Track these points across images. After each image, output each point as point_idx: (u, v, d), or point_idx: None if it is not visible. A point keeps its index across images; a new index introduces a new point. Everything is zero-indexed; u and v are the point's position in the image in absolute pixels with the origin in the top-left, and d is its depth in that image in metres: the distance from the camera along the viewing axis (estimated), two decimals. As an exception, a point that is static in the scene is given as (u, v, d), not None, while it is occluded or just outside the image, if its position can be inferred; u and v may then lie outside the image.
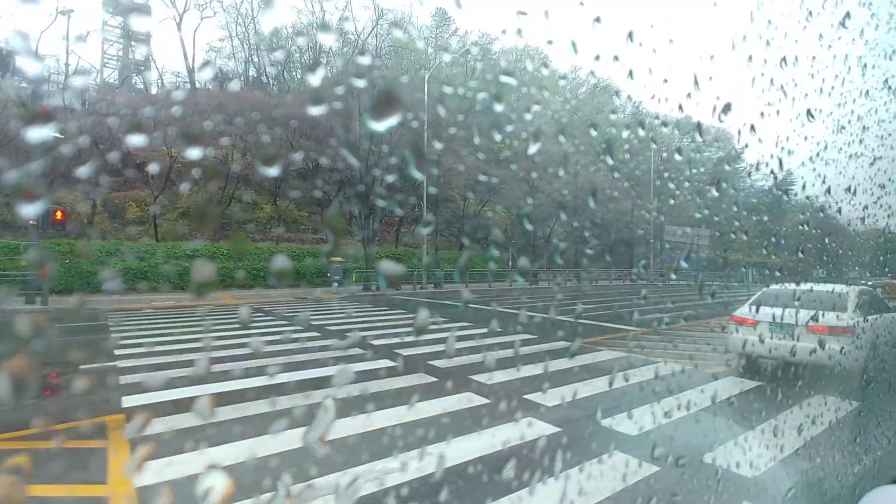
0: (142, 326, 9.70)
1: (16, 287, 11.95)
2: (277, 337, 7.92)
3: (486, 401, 4.88)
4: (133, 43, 35.43)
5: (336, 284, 18.64)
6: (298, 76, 35.88)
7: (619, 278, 30.95)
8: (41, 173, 0.70)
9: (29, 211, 0.64)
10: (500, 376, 5.64)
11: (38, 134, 0.65)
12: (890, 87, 2.80)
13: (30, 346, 0.66)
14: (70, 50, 28.74)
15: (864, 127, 2.72)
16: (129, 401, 4.56)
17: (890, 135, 2.91)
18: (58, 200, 13.08)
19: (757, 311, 5.85)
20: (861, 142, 2.71)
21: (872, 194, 2.83)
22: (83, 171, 0.70)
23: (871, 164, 2.81)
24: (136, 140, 0.85)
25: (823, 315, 3.95)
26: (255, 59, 37.36)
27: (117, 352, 6.42)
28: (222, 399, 4.41)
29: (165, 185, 23.06)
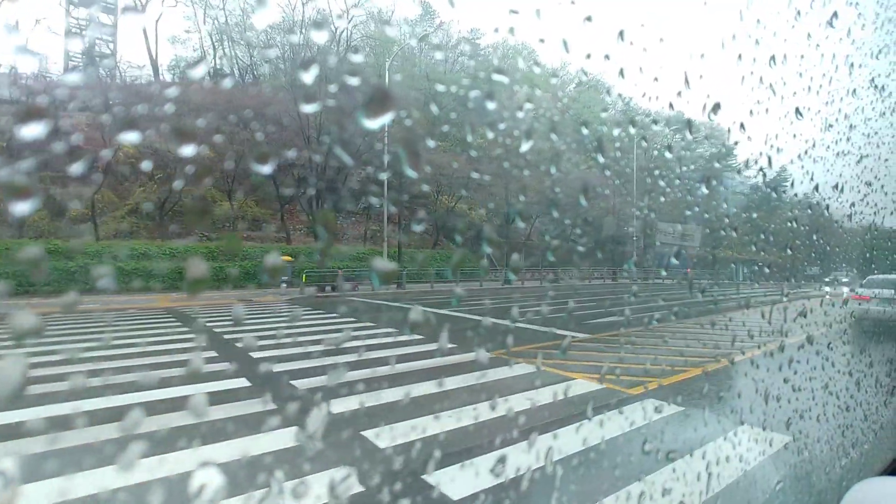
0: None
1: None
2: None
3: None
4: (99, 36, 34.35)
5: (284, 286, 17.61)
6: (268, 70, 34.71)
7: (600, 277, 30.54)
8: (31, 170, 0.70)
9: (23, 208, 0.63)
10: (354, 403, 4.51)
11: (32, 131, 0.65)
12: (876, 86, 2.84)
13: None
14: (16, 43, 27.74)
15: (850, 125, 2.76)
16: None
17: (876, 133, 2.95)
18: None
19: (867, 290, 8.82)
20: (848, 140, 2.75)
21: (859, 192, 2.87)
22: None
23: (858, 161, 2.85)
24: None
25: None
26: (227, 52, 36.16)
27: None
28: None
29: (105, 180, 22.10)
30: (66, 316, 10.52)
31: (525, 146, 1.22)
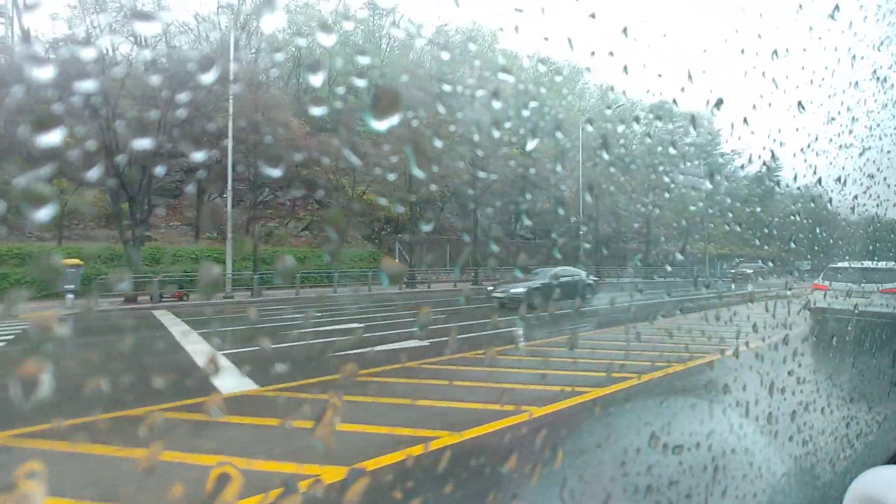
0: None
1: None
2: None
3: None
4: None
5: (70, 297, 13.05)
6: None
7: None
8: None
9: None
10: None
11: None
12: (878, 78, 2.84)
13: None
14: None
15: (853, 118, 2.76)
16: None
17: (878, 125, 2.96)
18: None
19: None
20: (850, 132, 2.75)
21: (862, 184, 2.88)
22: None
23: (861, 154, 2.85)
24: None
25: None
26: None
27: None
28: None
29: None
30: None
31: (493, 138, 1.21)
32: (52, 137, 0.73)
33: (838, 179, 2.70)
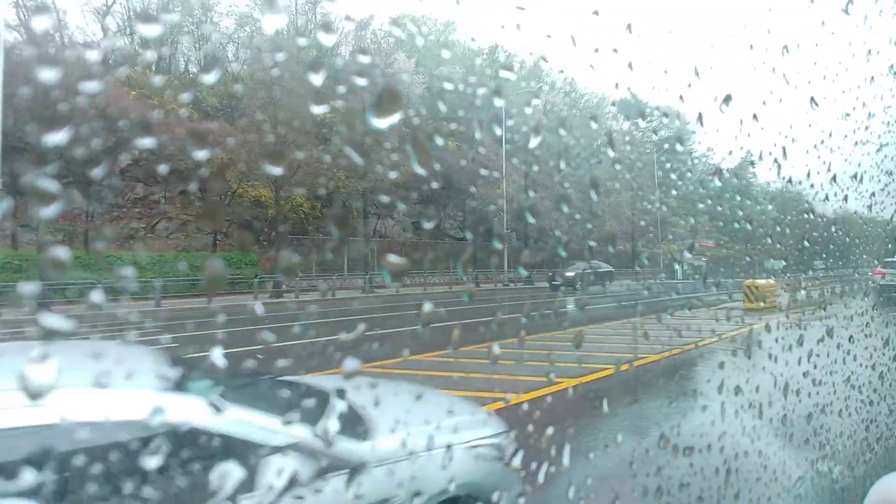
0: None
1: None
2: None
3: None
4: None
5: None
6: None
7: (447, 283, 23.01)
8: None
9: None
10: None
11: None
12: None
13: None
14: None
15: (869, 114, 2.70)
16: None
17: (897, 121, 2.89)
18: None
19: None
20: (867, 128, 2.70)
21: (879, 181, 2.82)
22: None
23: (878, 150, 2.80)
24: None
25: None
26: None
27: None
28: None
29: None
30: None
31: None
32: None
33: (854, 176, 2.64)
